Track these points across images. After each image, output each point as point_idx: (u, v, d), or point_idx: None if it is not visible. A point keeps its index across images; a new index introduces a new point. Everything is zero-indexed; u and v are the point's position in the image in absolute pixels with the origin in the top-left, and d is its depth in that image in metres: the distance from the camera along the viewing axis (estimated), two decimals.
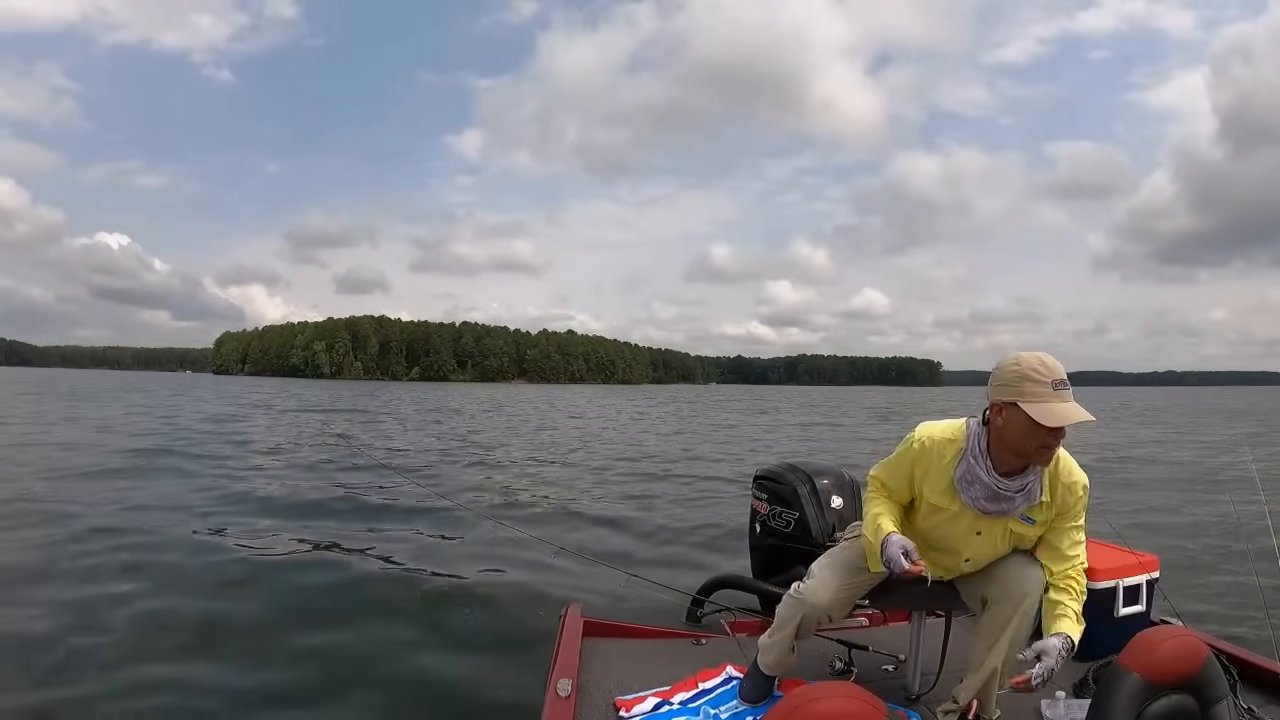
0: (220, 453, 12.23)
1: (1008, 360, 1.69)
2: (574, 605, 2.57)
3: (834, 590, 1.95)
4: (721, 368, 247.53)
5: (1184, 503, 8.68)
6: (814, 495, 2.62)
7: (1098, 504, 2.04)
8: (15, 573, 4.79)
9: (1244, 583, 4.47)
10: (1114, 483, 10.35)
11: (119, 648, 3.63)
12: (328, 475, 10.15)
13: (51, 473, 9.17)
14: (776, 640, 2.04)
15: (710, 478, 10.89)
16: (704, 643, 2.47)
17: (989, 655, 1.82)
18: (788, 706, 1.06)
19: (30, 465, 9.82)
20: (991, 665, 1.82)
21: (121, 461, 10.51)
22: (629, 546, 6.45)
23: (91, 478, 8.96)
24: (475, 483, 10.27)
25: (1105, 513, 7.25)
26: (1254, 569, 2.77)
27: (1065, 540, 1.80)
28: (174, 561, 5.24)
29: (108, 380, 72.55)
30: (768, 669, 2.08)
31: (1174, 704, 1.36)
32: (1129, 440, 17.83)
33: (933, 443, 1.82)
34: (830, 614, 1.98)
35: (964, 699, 1.85)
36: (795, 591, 2.01)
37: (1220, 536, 6.37)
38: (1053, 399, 1.61)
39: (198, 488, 8.63)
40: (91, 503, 7.22)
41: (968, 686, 1.86)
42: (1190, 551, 6.06)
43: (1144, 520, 7.63)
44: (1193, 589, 4.90)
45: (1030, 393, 1.62)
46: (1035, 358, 1.65)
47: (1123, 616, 2.32)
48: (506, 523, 7.08)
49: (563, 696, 1.93)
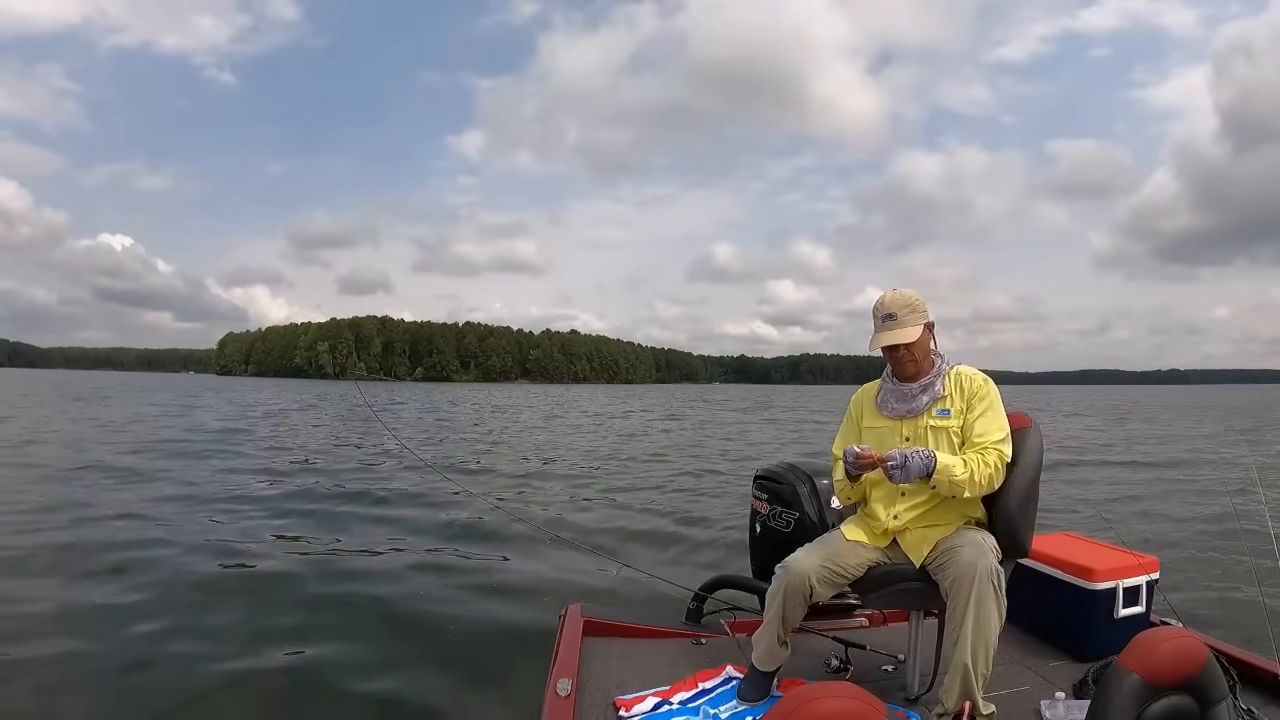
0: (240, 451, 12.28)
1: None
2: (574, 605, 2.57)
3: (816, 559, 2.06)
4: (725, 367, 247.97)
5: (1184, 502, 8.68)
6: (814, 495, 2.61)
7: (1099, 506, 2.05)
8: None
9: (1244, 583, 4.47)
10: (1109, 480, 10.35)
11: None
12: (338, 476, 10.16)
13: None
14: (765, 624, 2.08)
15: (710, 477, 10.89)
16: (704, 643, 2.47)
17: (955, 652, 1.83)
18: (787, 706, 1.06)
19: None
20: (961, 662, 1.81)
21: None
22: (630, 546, 6.45)
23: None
24: (477, 482, 10.28)
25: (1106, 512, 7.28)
26: (1254, 569, 2.77)
27: (979, 425, 2.03)
28: (176, 558, 5.27)
29: (115, 380, 72.40)
30: (759, 662, 2.09)
31: (1174, 705, 1.35)
32: (1125, 437, 17.84)
33: (864, 391, 2.29)
34: (813, 584, 2.02)
35: (951, 703, 1.84)
36: (779, 565, 2.10)
37: (1220, 536, 6.37)
38: (880, 330, 2.10)
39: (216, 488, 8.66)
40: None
41: (950, 689, 1.85)
42: (1191, 551, 6.05)
43: (1144, 520, 7.64)
44: (1193, 590, 4.90)
45: (873, 326, 2.13)
46: (881, 297, 2.14)
47: (1122, 617, 2.31)
48: (511, 522, 7.10)
49: (563, 696, 1.93)
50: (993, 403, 2.06)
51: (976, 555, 1.86)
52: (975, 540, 1.93)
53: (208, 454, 11.98)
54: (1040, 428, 2.15)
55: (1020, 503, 2.03)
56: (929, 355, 2.14)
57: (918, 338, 2.08)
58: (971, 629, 1.80)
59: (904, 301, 2.09)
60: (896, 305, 2.09)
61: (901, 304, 2.09)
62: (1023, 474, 2.05)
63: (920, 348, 2.10)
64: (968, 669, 1.81)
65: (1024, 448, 2.07)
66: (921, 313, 2.10)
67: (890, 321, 2.09)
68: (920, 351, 2.11)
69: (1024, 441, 2.08)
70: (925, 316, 2.11)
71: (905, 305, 2.09)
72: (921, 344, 2.10)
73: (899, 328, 2.08)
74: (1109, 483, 10.49)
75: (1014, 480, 2.04)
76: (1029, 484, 2.05)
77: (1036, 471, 2.07)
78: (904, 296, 2.11)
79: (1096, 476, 11.12)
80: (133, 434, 15.11)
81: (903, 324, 2.08)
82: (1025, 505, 2.04)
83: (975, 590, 1.81)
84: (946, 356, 2.16)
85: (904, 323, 2.08)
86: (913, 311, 2.09)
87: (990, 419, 2.04)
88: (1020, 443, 2.08)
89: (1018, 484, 2.04)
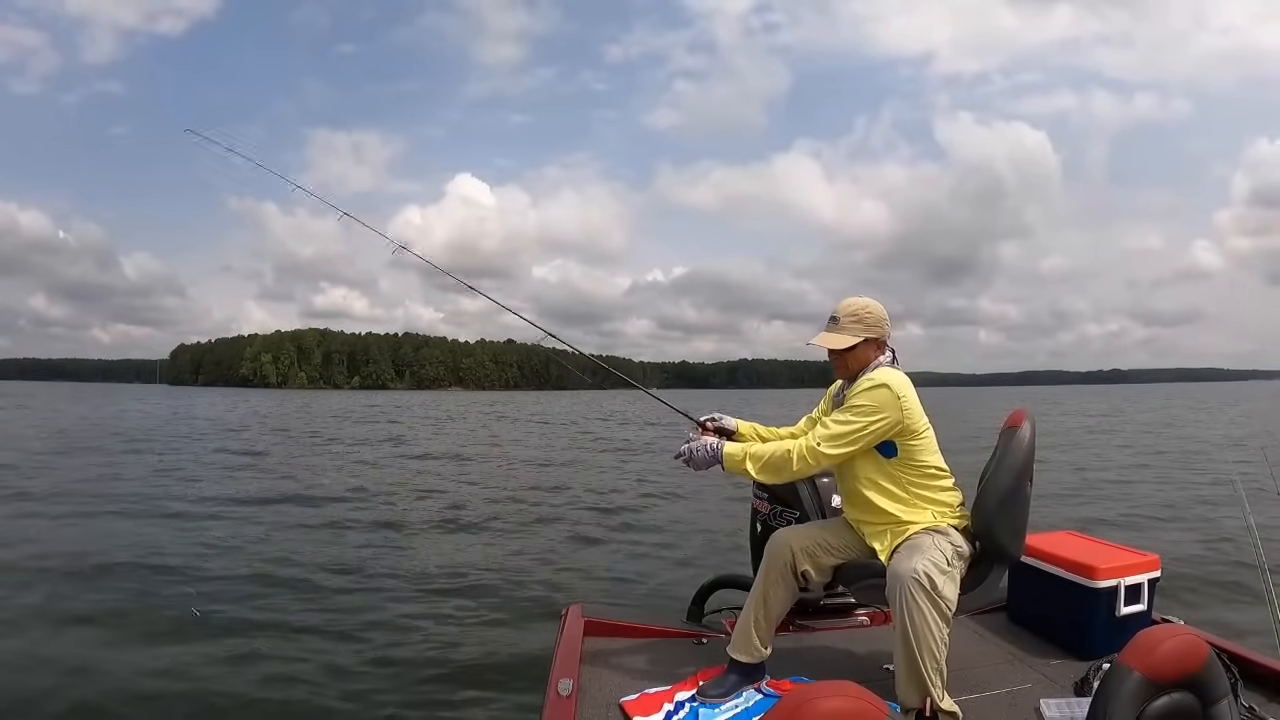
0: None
1: None
2: (575, 605, 2.57)
3: (803, 531, 2.16)
4: (665, 373, 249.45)
5: (1186, 499, 8.68)
6: (814, 495, 2.60)
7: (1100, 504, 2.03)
8: None
9: (1246, 580, 4.47)
10: (1110, 478, 10.35)
11: None
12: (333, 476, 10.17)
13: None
14: (747, 604, 2.10)
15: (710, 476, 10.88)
16: (705, 642, 2.47)
17: (898, 651, 1.83)
18: (788, 706, 1.06)
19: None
20: (902, 661, 1.82)
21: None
22: (631, 546, 6.46)
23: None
24: (470, 482, 10.29)
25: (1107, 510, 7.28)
26: (1257, 567, 2.76)
27: (828, 418, 2.07)
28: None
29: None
30: (731, 648, 2.09)
31: (1175, 703, 1.35)
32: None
33: (833, 385, 2.31)
34: (794, 552, 2.05)
35: (909, 701, 1.83)
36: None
37: (1222, 533, 6.37)
38: (824, 329, 2.14)
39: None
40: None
41: (903, 689, 1.84)
42: (1193, 549, 6.05)
43: (1146, 518, 7.64)
44: (1195, 587, 4.91)
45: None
46: (843, 299, 2.15)
47: (1124, 615, 2.30)
48: (506, 522, 7.11)
49: (563, 696, 1.92)
50: (856, 404, 2.01)
51: (905, 558, 1.86)
52: (915, 543, 1.92)
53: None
54: (1035, 426, 2.09)
55: (999, 504, 1.98)
56: (863, 364, 2.10)
57: (847, 346, 2.08)
58: (905, 631, 1.80)
59: (853, 309, 2.10)
60: (844, 310, 2.11)
61: (849, 311, 2.10)
62: (1005, 474, 2.00)
63: (854, 356, 2.09)
64: (912, 669, 1.80)
65: (1008, 448, 2.03)
66: (868, 325, 2.08)
67: (832, 324, 2.12)
68: (853, 359, 2.09)
69: (1009, 441, 2.05)
70: (871, 330, 2.08)
71: (852, 314, 2.09)
72: (857, 354, 2.09)
73: (834, 332, 2.11)
74: (1109, 481, 10.49)
75: (995, 480, 2.01)
76: (1010, 485, 2.00)
77: (1020, 474, 2.02)
78: (857, 305, 2.11)
79: (1097, 475, 11.12)
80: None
81: (840, 330, 2.09)
82: (1005, 506, 1.99)
83: (900, 594, 1.80)
84: (884, 363, 2.10)
85: (842, 329, 2.09)
86: (857, 321, 2.08)
87: (838, 416, 2.03)
88: (1005, 442, 2.05)
89: (999, 484, 2.00)
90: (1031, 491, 2.07)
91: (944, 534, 1.97)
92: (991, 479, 2.02)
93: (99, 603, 4.42)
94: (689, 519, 7.70)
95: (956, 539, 1.97)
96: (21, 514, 7.30)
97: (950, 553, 1.92)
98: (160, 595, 4.61)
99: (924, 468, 2.03)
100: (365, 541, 6.37)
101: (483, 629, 4.13)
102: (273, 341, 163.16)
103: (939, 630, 1.81)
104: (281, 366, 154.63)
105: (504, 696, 3.32)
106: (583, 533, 6.98)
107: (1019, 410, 2.13)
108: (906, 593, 1.80)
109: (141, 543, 6.03)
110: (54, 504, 7.83)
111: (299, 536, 6.52)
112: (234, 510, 7.80)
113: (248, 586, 4.83)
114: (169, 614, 4.27)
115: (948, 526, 2.00)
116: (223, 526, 6.86)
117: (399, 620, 4.24)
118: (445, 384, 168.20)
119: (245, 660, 3.63)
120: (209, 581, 4.93)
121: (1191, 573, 5.23)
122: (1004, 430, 2.10)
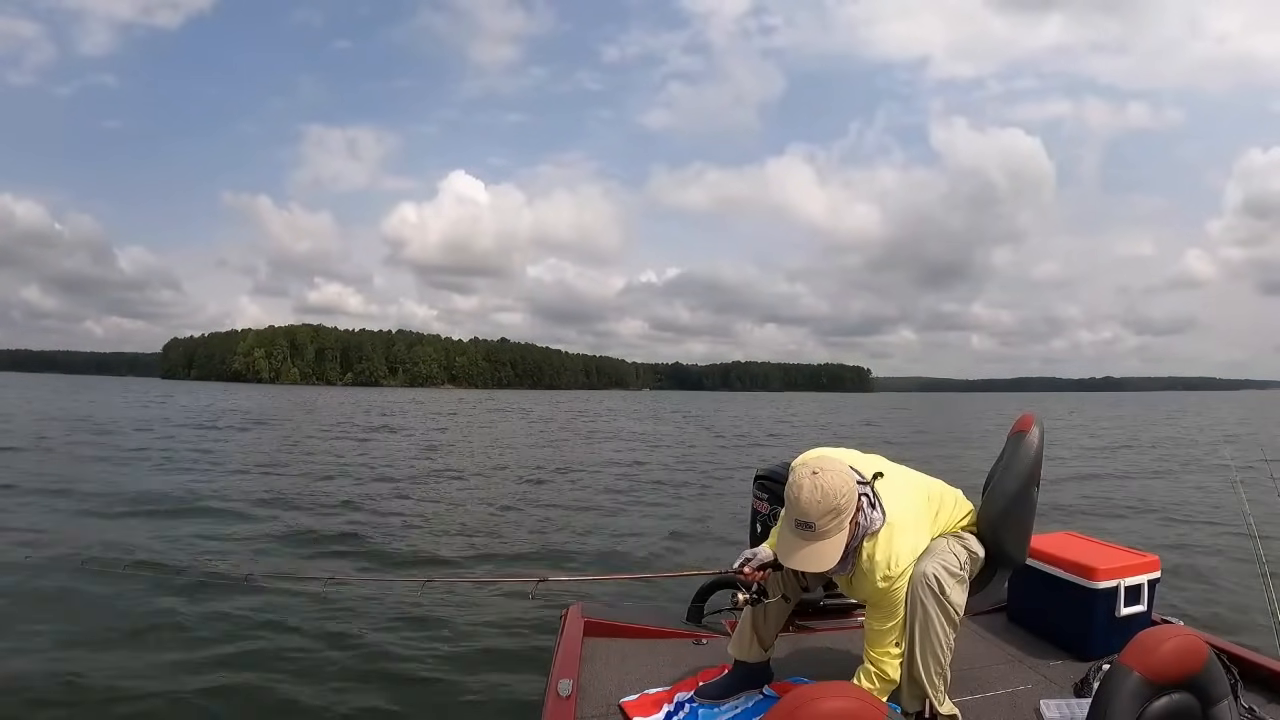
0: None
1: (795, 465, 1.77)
2: (575, 605, 2.56)
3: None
4: (659, 374, 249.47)
5: (1186, 500, 8.68)
6: None
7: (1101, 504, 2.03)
8: None
9: (1245, 581, 4.47)
10: (1111, 478, 10.34)
11: None
12: (335, 478, 10.15)
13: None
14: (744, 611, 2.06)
15: (710, 478, 10.89)
16: (704, 643, 2.47)
17: (906, 652, 1.81)
18: (788, 706, 1.06)
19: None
20: (906, 667, 1.81)
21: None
22: (631, 546, 6.46)
23: None
24: (468, 484, 10.28)
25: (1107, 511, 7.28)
26: (1256, 567, 2.76)
27: (872, 622, 1.81)
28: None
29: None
30: (731, 647, 2.09)
31: (1175, 703, 1.35)
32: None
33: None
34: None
35: (909, 705, 1.83)
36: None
37: (1221, 535, 6.37)
38: (793, 538, 1.70)
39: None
40: None
41: (905, 691, 1.83)
42: (1192, 550, 6.05)
43: (1146, 519, 7.64)
44: (1195, 588, 4.91)
45: (784, 525, 1.75)
46: (798, 489, 1.67)
47: (1124, 616, 2.30)
48: (506, 521, 7.10)
49: (563, 696, 1.92)
50: (890, 601, 1.76)
51: (918, 560, 1.83)
52: (930, 545, 1.88)
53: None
54: (1044, 432, 2.07)
55: (1005, 508, 1.98)
56: (852, 541, 1.75)
57: (840, 557, 1.70)
58: (910, 633, 1.79)
59: (826, 506, 1.64)
60: (816, 512, 1.64)
61: (822, 510, 1.64)
62: (1012, 479, 1.99)
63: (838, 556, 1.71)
64: (914, 671, 1.80)
65: (1016, 452, 2.02)
66: (844, 508, 1.67)
67: (806, 531, 1.66)
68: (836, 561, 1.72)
69: (1017, 446, 2.04)
70: (849, 508, 1.68)
71: (828, 511, 1.64)
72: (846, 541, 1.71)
73: (818, 541, 1.66)
74: (1110, 481, 10.49)
75: (1001, 485, 1.99)
76: (1017, 490, 1.98)
77: (1027, 479, 2.00)
78: (827, 497, 1.64)
79: (1097, 475, 11.12)
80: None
81: (822, 535, 1.66)
82: (1012, 511, 1.98)
83: (908, 595, 1.79)
84: (876, 524, 1.77)
85: (824, 533, 1.66)
86: (836, 516, 1.66)
87: (877, 616, 1.79)
88: (1013, 447, 2.04)
89: (1006, 489, 1.98)
90: (1038, 497, 2.05)
91: (960, 538, 1.94)
92: (998, 484, 2.01)
93: (69, 601, 4.36)
94: (689, 519, 7.70)
95: (973, 544, 1.94)
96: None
97: (964, 557, 1.89)
98: (138, 594, 4.51)
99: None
100: (361, 540, 6.36)
101: (482, 629, 4.13)
102: (265, 337, 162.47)
103: (944, 635, 1.79)
104: (274, 362, 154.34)
105: (504, 697, 3.32)
106: (583, 532, 6.98)
107: (1028, 415, 2.10)
108: (914, 594, 1.78)
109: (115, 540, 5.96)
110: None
111: (283, 534, 6.51)
112: (217, 505, 7.79)
113: (234, 583, 4.80)
114: (142, 610, 4.22)
115: (964, 531, 1.98)
116: (198, 525, 6.84)
117: (398, 620, 4.23)
118: (438, 381, 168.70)
119: (242, 659, 3.62)
120: (195, 576, 4.88)
121: (1192, 573, 5.24)
122: (1012, 435, 2.07)
